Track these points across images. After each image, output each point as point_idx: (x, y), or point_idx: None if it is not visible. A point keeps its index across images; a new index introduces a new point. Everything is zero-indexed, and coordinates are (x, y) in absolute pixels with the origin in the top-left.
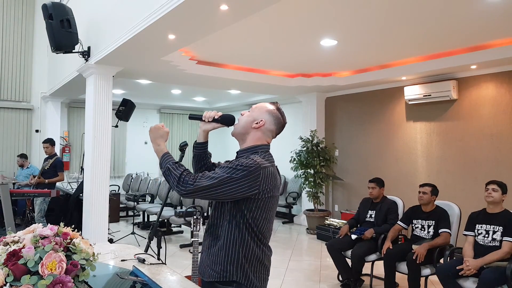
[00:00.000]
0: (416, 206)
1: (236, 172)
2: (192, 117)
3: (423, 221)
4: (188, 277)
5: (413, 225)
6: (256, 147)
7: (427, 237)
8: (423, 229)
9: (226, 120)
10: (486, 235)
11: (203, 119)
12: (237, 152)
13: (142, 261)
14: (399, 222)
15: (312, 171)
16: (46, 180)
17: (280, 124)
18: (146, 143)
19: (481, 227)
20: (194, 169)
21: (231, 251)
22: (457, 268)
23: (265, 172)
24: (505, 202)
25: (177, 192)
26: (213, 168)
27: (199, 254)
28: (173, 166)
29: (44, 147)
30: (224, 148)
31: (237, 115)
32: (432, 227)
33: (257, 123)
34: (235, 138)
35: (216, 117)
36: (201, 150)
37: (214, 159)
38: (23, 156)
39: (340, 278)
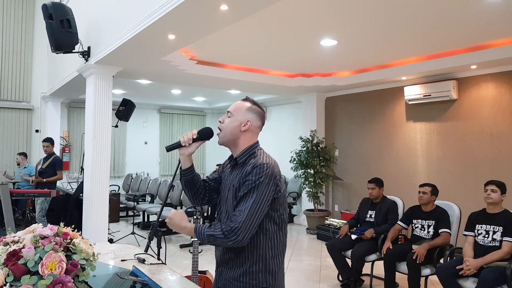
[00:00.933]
0: (416, 206)
1: (260, 186)
2: (170, 148)
3: (423, 221)
4: (188, 277)
5: (413, 225)
6: (252, 147)
7: (427, 237)
8: (423, 229)
9: (205, 134)
10: (486, 235)
11: (182, 144)
12: (235, 159)
13: (142, 261)
14: (399, 222)
15: (312, 171)
16: (44, 179)
17: (263, 117)
18: (146, 143)
19: (481, 227)
20: (188, 197)
21: (258, 258)
22: (457, 268)
23: (277, 168)
24: (505, 202)
25: (235, 245)
26: (207, 185)
27: (199, 254)
28: (211, 231)
29: (44, 146)
30: (224, 147)
31: None
32: (432, 227)
33: (244, 125)
34: (224, 146)
35: (194, 136)
36: (190, 175)
37: (212, 160)
38: (23, 154)
39: (340, 278)
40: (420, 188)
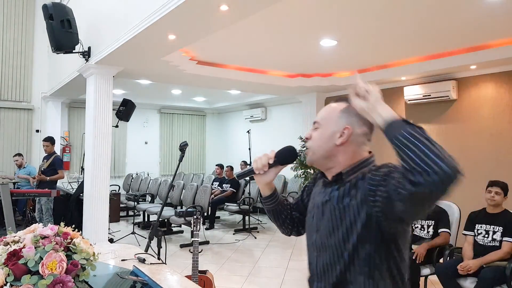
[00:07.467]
0: None
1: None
2: (241, 176)
3: (422, 221)
4: (188, 276)
5: (412, 225)
6: (364, 162)
7: (426, 237)
8: (422, 229)
9: (286, 156)
10: (486, 235)
11: (256, 172)
12: (340, 173)
13: (142, 260)
14: None
15: (312, 171)
16: (48, 178)
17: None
18: (146, 143)
19: (481, 227)
20: (277, 225)
21: None
22: (457, 267)
23: None
24: (504, 202)
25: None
26: (294, 207)
27: (199, 254)
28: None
29: (44, 145)
30: (224, 147)
31: (237, 115)
32: (431, 227)
33: (340, 135)
34: (316, 167)
35: (270, 161)
36: (273, 203)
37: (212, 160)
38: (18, 155)
39: None
40: None
